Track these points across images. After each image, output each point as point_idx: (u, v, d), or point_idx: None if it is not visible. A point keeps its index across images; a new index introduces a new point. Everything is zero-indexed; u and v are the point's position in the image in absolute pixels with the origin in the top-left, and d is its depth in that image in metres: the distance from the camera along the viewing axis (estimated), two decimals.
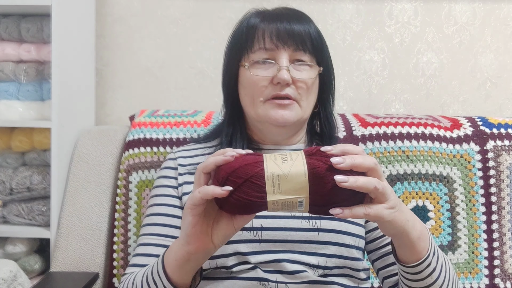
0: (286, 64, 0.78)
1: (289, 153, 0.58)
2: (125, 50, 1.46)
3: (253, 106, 0.81)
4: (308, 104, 0.82)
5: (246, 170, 0.56)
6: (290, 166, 0.55)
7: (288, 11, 0.83)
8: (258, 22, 0.81)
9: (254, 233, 0.75)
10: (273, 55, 0.79)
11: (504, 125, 1.12)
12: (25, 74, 1.23)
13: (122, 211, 1.10)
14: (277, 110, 0.79)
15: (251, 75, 0.79)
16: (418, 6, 1.43)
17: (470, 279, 1.04)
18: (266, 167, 0.55)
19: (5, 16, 1.25)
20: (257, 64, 0.80)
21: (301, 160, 0.55)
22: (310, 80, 0.80)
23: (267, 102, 0.79)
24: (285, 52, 0.79)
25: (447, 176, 1.07)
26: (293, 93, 0.79)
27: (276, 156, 0.57)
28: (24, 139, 1.22)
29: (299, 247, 0.76)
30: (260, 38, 0.79)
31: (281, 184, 0.55)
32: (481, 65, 1.43)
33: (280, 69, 0.77)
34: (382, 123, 1.12)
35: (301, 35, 0.79)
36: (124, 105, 1.47)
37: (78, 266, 1.09)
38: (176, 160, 0.88)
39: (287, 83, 0.78)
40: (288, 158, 0.56)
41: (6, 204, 1.22)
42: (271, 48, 0.79)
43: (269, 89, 0.79)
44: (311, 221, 0.76)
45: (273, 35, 0.78)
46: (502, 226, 1.06)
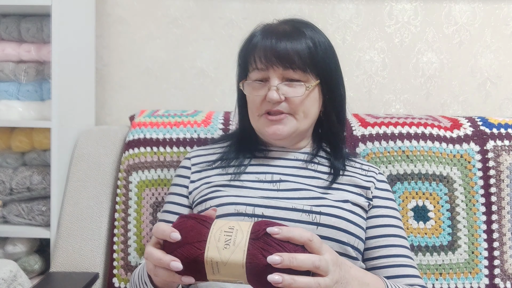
0: (275, 84, 0.82)
1: (236, 232, 0.57)
2: (125, 50, 1.46)
3: (253, 120, 0.88)
4: (305, 115, 0.85)
5: (188, 251, 0.57)
6: (230, 253, 0.55)
7: (285, 26, 0.86)
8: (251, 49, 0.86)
9: (255, 219, 0.77)
10: (266, 75, 0.84)
11: (504, 125, 1.12)
12: (25, 74, 1.23)
13: (122, 211, 1.10)
14: (271, 125, 0.84)
15: (248, 95, 0.87)
16: (418, 6, 1.43)
17: (470, 279, 1.04)
18: (207, 250, 0.56)
19: (5, 16, 1.25)
20: (252, 84, 0.86)
21: (243, 248, 0.55)
22: (301, 96, 0.83)
23: (262, 117, 0.85)
24: (274, 72, 0.83)
25: (447, 176, 1.07)
26: (286, 108, 0.83)
27: (222, 235, 0.57)
28: (24, 139, 1.23)
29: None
30: (255, 58, 0.84)
31: (220, 268, 0.56)
32: (481, 65, 1.43)
33: (270, 88, 0.82)
34: (382, 123, 1.12)
35: (288, 54, 0.81)
36: (124, 105, 1.47)
37: (78, 266, 1.09)
38: (190, 160, 0.95)
39: (278, 101, 0.82)
40: (232, 241, 0.56)
41: (6, 204, 1.22)
42: (262, 68, 0.83)
43: (263, 106, 0.84)
44: (311, 215, 0.78)
45: (262, 57, 0.83)
46: (502, 226, 1.06)
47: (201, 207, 0.84)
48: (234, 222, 0.59)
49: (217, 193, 0.83)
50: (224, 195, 0.82)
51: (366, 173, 0.91)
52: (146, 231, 1.08)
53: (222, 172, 0.90)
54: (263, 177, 0.87)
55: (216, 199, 0.82)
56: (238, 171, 0.88)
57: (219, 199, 0.82)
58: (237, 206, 0.79)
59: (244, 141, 0.93)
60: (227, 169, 0.90)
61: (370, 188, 0.88)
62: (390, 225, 0.86)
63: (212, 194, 0.84)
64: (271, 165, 0.90)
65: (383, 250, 0.83)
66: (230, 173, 0.88)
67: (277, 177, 0.86)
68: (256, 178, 0.86)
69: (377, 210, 0.87)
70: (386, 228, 0.86)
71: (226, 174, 0.89)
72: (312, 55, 0.83)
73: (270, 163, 0.90)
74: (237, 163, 0.90)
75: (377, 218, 0.87)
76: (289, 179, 0.86)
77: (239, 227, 0.58)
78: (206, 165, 0.92)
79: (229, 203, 0.80)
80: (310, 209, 0.79)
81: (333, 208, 0.80)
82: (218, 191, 0.84)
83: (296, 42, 0.82)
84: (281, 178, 0.86)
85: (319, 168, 0.89)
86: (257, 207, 0.79)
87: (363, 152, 1.09)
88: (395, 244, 0.84)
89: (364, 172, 0.91)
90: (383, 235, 0.85)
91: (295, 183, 0.85)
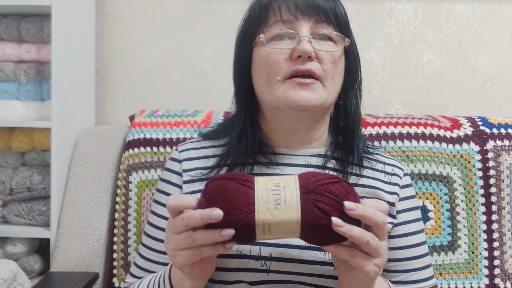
0: (307, 35, 0.67)
1: (284, 189, 0.53)
2: (125, 50, 1.46)
3: (270, 88, 0.69)
4: (333, 85, 0.71)
5: (237, 217, 0.52)
6: (283, 212, 0.52)
7: None
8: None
9: (262, 262, 0.67)
10: (292, 27, 0.68)
11: (504, 125, 1.12)
12: (25, 74, 1.23)
13: (122, 211, 1.10)
14: (298, 90, 0.67)
15: (267, 51, 0.69)
16: (418, 6, 1.43)
17: (470, 279, 1.04)
18: (257, 213, 0.52)
19: (5, 16, 1.25)
20: (273, 40, 0.69)
21: (295, 205, 0.52)
22: (336, 53, 0.69)
23: (286, 81, 0.68)
24: (305, 23, 0.68)
25: (447, 176, 1.07)
26: (317, 69, 0.68)
27: (269, 194, 0.53)
28: (24, 139, 1.23)
29: (312, 280, 0.68)
30: (276, 10, 0.69)
31: (271, 229, 0.53)
32: (481, 65, 1.43)
33: (300, 40, 0.66)
34: (382, 123, 1.12)
35: (324, 6, 0.68)
36: (124, 105, 1.47)
37: (78, 266, 1.09)
38: (181, 163, 0.78)
39: (309, 56, 0.67)
40: (281, 199, 0.52)
41: (6, 204, 1.22)
42: (289, 19, 0.68)
43: (288, 65, 0.68)
44: (327, 254, 0.68)
45: (291, 6, 0.68)
46: (502, 226, 1.06)
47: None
48: (277, 177, 0.55)
49: None
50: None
51: (389, 179, 0.77)
52: None
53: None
54: None
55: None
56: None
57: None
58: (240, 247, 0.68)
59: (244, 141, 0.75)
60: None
61: (394, 204, 0.76)
62: (414, 245, 0.76)
63: None
64: (277, 174, 0.72)
65: (404, 275, 0.75)
66: None
67: None
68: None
69: (400, 228, 0.77)
70: (410, 249, 0.76)
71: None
72: (344, 14, 0.72)
73: (276, 171, 0.74)
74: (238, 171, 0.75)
75: (399, 238, 0.76)
76: None
77: (285, 183, 0.54)
78: (200, 174, 0.76)
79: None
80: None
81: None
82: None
83: (330, 1, 0.70)
84: None
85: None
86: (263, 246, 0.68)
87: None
88: (419, 267, 0.76)
89: (387, 177, 0.77)
90: (406, 258, 0.76)
91: None
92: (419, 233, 0.78)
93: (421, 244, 0.77)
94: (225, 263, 0.68)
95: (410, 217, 0.78)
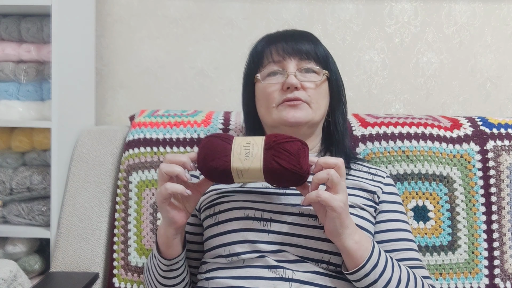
0: (293, 71, 0.87)
1: (252, 144, 0.72)
2: (125, 50, 1.46)
3: (268, 113, 0.89)
4: (318, 106, 0.89)
5: (217, 163, 0.72)
6: (250, 162, 0.71)
7: (296, 32, 0.92)
8: (264, 45, 0.91)
9: (264, 223, 0.80)
10: (282, 66, 0.88)
11: (504, 125, 1.12)
12: (25, 74, 1.23)
13: (122, 211, 1.10)
14: (289, 111, 0.86)
15: (264, 85, 0.89)
16: (418, 6, 1.43)
17: (470, 279, 1.04)
18: (232, 162, 0.71)
19: (5, 16, 1.25)
20: (268, 77, 0.89)
21: (259, 157, 0.71)
22: (317, 81, 0.88)
23: (280, 106, 0.87)
24: (291, 61, 0.87)
25: (447, 176, 1.07)
26: (303, 96, 0.86)
27: (242, 148, 0.72)
28: (24, 139, 1.22)
29: (305, 242, 0.79)
30: (268, 54, 0.90)
31: (243, 174, 0.72)
32: (481, 65, 1.43)
33: (288, 75, 0.86)
34: (382, 123, 1.12)
35: (306, 49, 0.88)
36: (124, 105, 1.47)
37: (78, 266, 1.09)
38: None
39: (296, 87, 0.86)
40: (250, 153, 0.72)
41: (6, 204, 1.22)
42: (278, 60, 0.88)
43: (280, 95, 0.87)
44: (317, 220, 0.80)
45: (279, 50, 0.88)
46: (502, 226, 1.06)
47: (210, 211, 0.85)
48: (249, 138, 0.74)
49: (225, 198, 0.85)
50: (233, 200, 0.84)
51: (373, 178, 0.92)
52: (146, 231, 1.08)
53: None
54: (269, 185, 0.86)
55: (225, 204, 0.84)
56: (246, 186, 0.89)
57: (229, 204, 0.83)
58: (246, 210, 0.81)
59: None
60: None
61: (376, 193, 0.89)
62: (398, 229, 0.88)
63: (221, 199, 0.85)
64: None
65: (391, 254, 0.83)
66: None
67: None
68: (263, 185, 0.87)
69: (384, 215, 0.89)
70: (394, 232, 0.87)
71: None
72: (323, 52, 0.91)
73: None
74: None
75: (384, 223, 0.88)
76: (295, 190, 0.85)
77: (254, 142, 0.73)
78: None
79: (238, 207, 0.82)
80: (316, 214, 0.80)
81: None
82: (226, 196, 0.85)
83: (312, 43, 0.90)
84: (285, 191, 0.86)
85: None
86: (265, 212, 0.81)
87: (363, 152, 1.09)
88: (403, 248, 0.86)
89: (371, 176, 0.92)
90: (391, 239, 0.86)
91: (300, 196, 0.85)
92: (402, 222, 0.90)
93: (403, 230, 0.88)
94: (233, 226, 0.81)
95: (393, 207, 0.90)
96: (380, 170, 0.95)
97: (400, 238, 0.86)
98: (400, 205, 0.92)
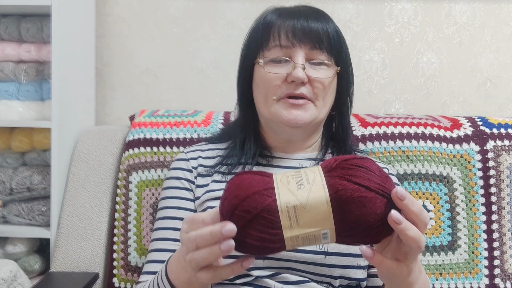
0: (301, 62, 0.75)
1: (305, 172, 0.48)
2: (125, 50, 1.46)
3: (266, 105, 0.78)
4: (324, 104, 0.79)
5: (255, 201, 0.46)
6: (307, 191, 0.46)
7: (307, 8, 0.80)
8: (274, 19, 0.78)
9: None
10: (289, 53, 0.76)
11: (504, 125, 1.12)
12: (25, 74, 1.23)
13: (122, 211, 1.10)
14: (291, 110, 0.76)
15: (265, 73, 0.77)
16: (418, 6, 1.43)
17: (470, 279, 1.04)
18: (278, 196, 0.46)
19: (5, 16, 1.25)
20: (272, 62, 0.77)
21: (320, 182, 0.46)
22: (327, 79, 0.77)
23: (281, 100, 0.77)
24: (301, 50, 0.76)
25: (447, 176, 1.07)
26: (308, 93, 0.76)
27: (289, 178, 0.48)
28: (24, 139, 1.22)
29: (304, 267, 0.74)
30: (275, 35, 0.77)
31: (298, 216, 0.45)
32: (481, 65, 1.43)
33: (295, 66, 0.75)
34: (382, 123, 1.12)
35: (318, 33, 0.76)
36: (124, 105, 1.47)
37: (78, 266, 1.09)
38: (189, 161, 0.86)
39: (302, 82, 0.75)
40: (303, 180, 0.47)
41: (6, 204, 1.22)
42: (286, 45, 0.76)
43: (283, 88, 0.76)
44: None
45: (289, 32, 0.76)
46: (502, 226, 1.06)
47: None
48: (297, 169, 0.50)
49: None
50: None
51: None
52: (146, 231, 1.08)
53: (222, 179, 0.82)
54: None
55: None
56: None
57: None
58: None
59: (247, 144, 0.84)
60: (227, 177, 0.82)
61: None
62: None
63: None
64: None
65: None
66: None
67: None
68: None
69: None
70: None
71: (225, 182, 0.81)
72: (338, 39, 0.79)
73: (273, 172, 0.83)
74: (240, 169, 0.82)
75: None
76: None
77: (305, 170, 0.49)
78: (205, 171, 0.84)
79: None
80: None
81: None
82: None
83: (325, 22, 0.77)
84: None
85: None
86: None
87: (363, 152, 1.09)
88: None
89: None
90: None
91: None
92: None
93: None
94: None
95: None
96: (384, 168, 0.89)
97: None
98: None
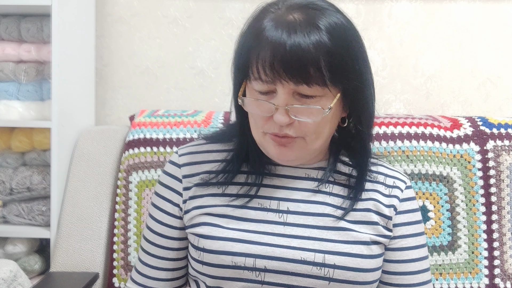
0: (283, 104, 0.64)
1: None
2: (125, 50, 1.46)
3: (257, 135, 0.71)
4: (317, 137, 0.69)
5: None
6: None
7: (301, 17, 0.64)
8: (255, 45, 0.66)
9: (257, 273, 0.68)
10: (272, 88, 0.66)
11: (504, 125, 1.12)
12: (25, 74, 1.23)
13: (122, 211, 1.10)
14: (275, 148, 0.69)
15: (250, 101, 0.69)
16: (418, 6, 1.43)
17: (470, 279, 1.04)
18: None
19: (5, 16, 1.25)
20: (255, 96, 0.68)
21: None
22: (317, 119, 0.66)
23: (268, 135, 0.69)
24: (283, 88, 0.64)
25: (447, 176, 1.07)
26: (295, 132, 0.67)
27: None
28: (24, 139, 1.23)
29: None
30: (254, 68, 0.66)
31: None
32: (481, 65, 1.43)
33: (277, 109, 0.65)
34: (382, 123, 1.12)
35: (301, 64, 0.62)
36: (124, 105, 1.47)
37: (78, 266, 1.09)
38: (180, 169, 0.78)
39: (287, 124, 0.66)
40: None
41: (6, 204, 1.22)
42: (267, 81, 0.65)
43: (269, 124, 0.67)
44: (323, 269, 0.68)
45: (266, 67, 0.63)
46: (502, 226, 1.06)
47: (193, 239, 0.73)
48: None
49: (211, 230, 0.71)
50: (219, 237, 0.69)
51: (390, 192, 0.76)
52: None
53: (218, 192, 0.74)
54: (268, 204, 0.73)
55: (209, 241, 0.70)
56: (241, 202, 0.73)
57: (213, 243, 0.69)
58: (234, 258, 0.68)
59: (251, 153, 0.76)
60: (225, 188, 0.75)
61: (391, 218, 0.75)
62: (409, 260, 0.76)
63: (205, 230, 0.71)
64: (277, 186, 0.75)
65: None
66: (228, 195, 0.74)
67: (284, 206, 0.73)
68: (260, 205, 0.72)
69: (396, 242, 0.76)
70: (404, 264, 0.75)
71: (223, 195, 0.74)
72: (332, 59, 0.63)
73: (277, 183, 0.75)
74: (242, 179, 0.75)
75: (394, 252, 0.76)
76: (298, 209, 0.73)
77: None
78: (199, 179, 0.76)
79: (225, 252, 0.68)
80: (322, 261, 0.68)
81: (349, 258, 0.69)
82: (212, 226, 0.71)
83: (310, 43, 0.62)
84: (288, 207, 0.73)
85: (335, 189, 0.75)
86: (258, 259, 0.68)
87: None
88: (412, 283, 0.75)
89: (387, 190, 0.77)
90: (399, 272, 0.75)
91: (305, 216, 0.72)
92: (418, 248, 0.77)
93: (418, 260, 0.76)
94: (220, 273, 0.69)
95: (408, 231, 0.76)
96: (399, 179, 0.79)
97: (410, 272, 0.75)
98: (417, 224, 0.78)
